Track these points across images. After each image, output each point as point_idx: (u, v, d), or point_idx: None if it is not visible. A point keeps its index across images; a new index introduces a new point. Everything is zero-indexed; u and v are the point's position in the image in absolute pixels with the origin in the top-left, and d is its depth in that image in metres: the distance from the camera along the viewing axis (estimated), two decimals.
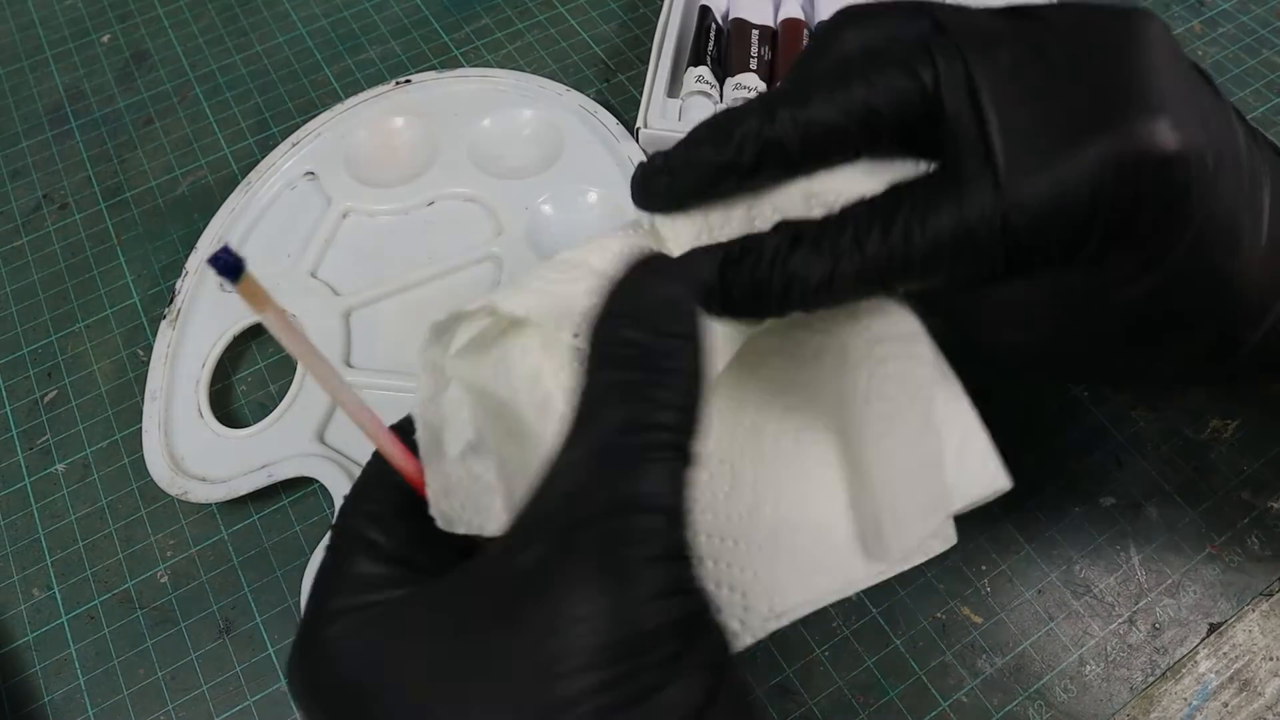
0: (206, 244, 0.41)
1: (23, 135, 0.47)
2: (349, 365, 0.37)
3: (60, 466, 0.37)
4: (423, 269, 0.40)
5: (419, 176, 0.42)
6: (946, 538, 0.21)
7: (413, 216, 0.42)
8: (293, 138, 0.44)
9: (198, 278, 0.40)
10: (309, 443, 0.35)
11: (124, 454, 0.37)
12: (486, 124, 0.44)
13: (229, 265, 0.18)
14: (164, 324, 0.39)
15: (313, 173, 0.43)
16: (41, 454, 0.38)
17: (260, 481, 0.35)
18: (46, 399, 0.39)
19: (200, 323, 0.39)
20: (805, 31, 0.45)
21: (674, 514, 0.17)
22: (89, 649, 0.33)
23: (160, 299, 0.41)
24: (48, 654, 0.33)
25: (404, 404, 0.36)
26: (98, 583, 0.35)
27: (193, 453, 0.36)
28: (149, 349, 0.39)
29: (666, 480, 0.17)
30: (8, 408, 0.39)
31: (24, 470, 0.37)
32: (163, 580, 0.35)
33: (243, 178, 0.43)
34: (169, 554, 0.35)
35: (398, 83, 0.46)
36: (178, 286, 0.40)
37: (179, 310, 0.39)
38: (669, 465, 0.17)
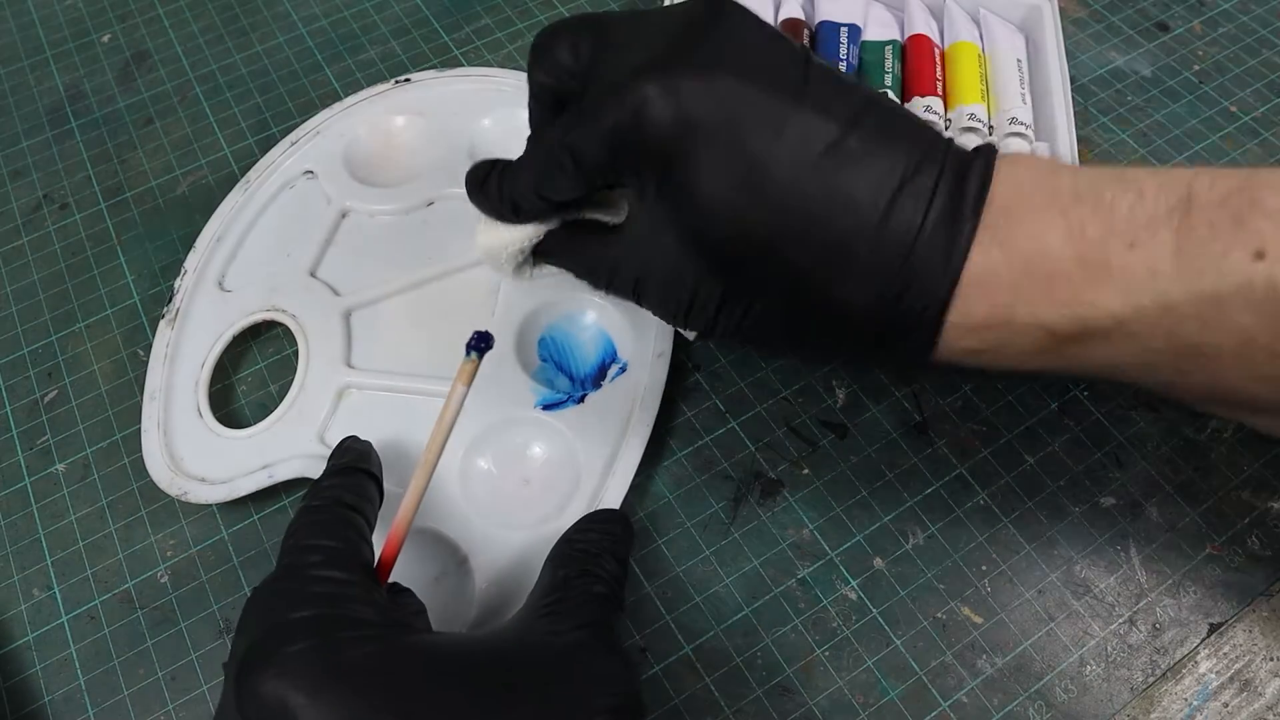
0: (205, 243, 0.41)
1: (23, 135, 0.47)
2: (349, 366, 0.37)
3: (60, 466, 0.37)
4: (422, 269, 0.40)
5: (419, 176, 0.42)
6: None
7: (412, 216, 0.42)
8: (291, 136, 0.44)
9: (196, 277, 0.40)
10: (310, 443, 0.35)
11: (124, 454, 0.37)
12: (487, 124, 0.44)
13: (482, 345, 0.30)
14: (163, 324, 0.39)
15: (312, 171, 0.43)
16: (41, 454, 0.38)
17: (261, 482, 0.35)
18: (46, 399, 0.39)
19: (199, 323, 0.39)
20: (805, 31, 0.45)
21: None
22: (89, 649, 0.33)
23: (160, 299, 0.41)
24: (48, 654, 0.33)
25: (403, 404, 0.37)
26: (98, 583, 0.35)
27: (192, 453, 0.36)
28: (149, 349, 0.39)
29: None
30: (8, 408, 0.39)
31: (24, 470, 0.37)
32: (163, 580, 0.35)
33: (243, 178, 0.43)
34: (169, 554, 0.35)
35: (397, 81, 0.45)
36: (176, 286, 0.40)
37: (178, 310, 0.39)
38: None
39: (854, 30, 0.45)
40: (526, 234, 0.32)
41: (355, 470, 0.31)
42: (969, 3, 0.46)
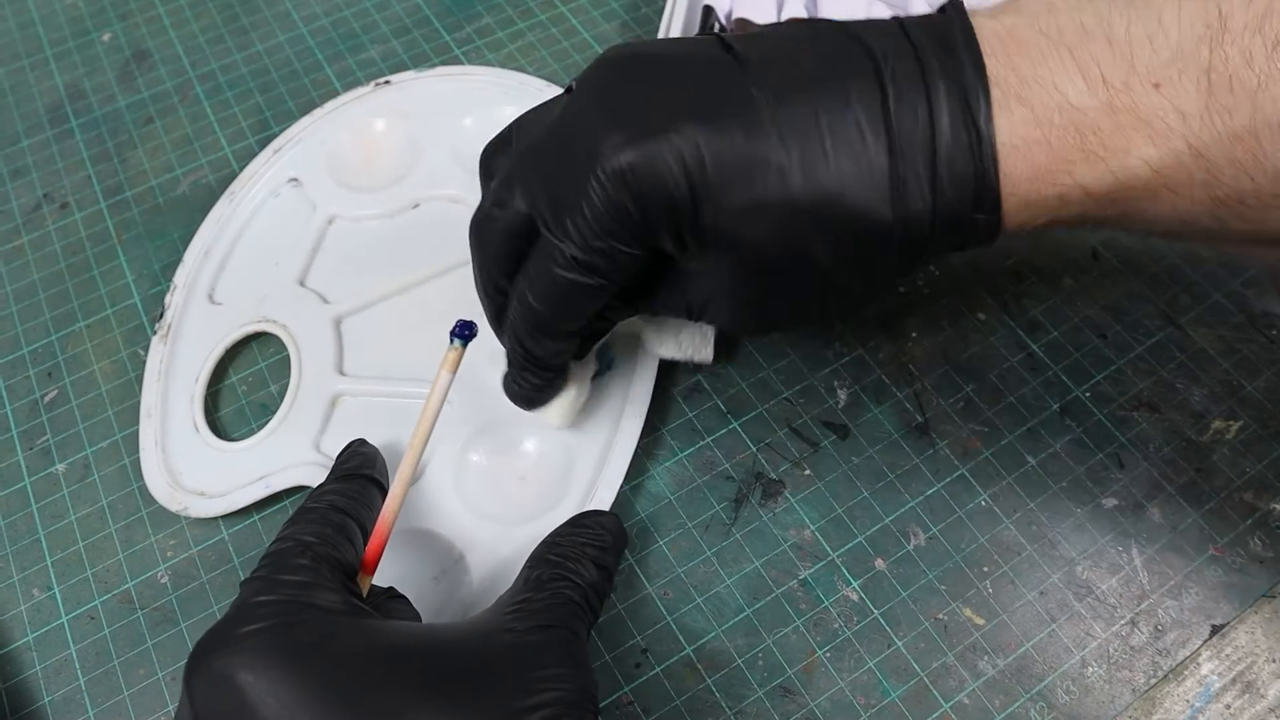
0: (193, 256, 0.41)
1: (23, 134, 0.47)
2: (341, 374, 0.37)
3: (60, 467, 0.37)
4: (412, 272, 0.40)
5: (403, 179, 0.42)
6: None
7: (399, 220, 0.41)
8: (274, 144, 0.44)
9: (186, 291, 0.40)
10: (306, 451, 0.35)
11: (124, 454, 0.37)
12: (468, 123, 0.44)
13: (466, 333, 0.31)
14: (155, 340, 0.39)
15: (296, 179, 0.43)
16: (41, 454, 0.38)
17: (259, 493, 0.35)
18: (46, 399, 0.39)
19: (191, 337, 0.39)
20: None
21: None
22: (89, 649, 0.33)
23: (160, 299, 0.41)
24: (48, 654, 0.33)
25: (396, 409, 0.36)
26: (98, 583, 0.35)
27: (190, 468, 0.36)
28: (149, 349, 0.39)
29: None
30: (8, 408, 0.39)
31: (24, 470, 0.37)
32: (163, 581, 0.35)
33: (227, 189, 0.43)
34: (169, 554, 0.35)
35: (377, 84, 0.45)
36: (167, 301, 0.39)
37: (169, 325, 0.39)
38: None
39: None
40: (585, 388, 0.34)
41: (357, 476, 0.31)
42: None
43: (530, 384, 0.32)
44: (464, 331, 0.31)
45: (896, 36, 0.25)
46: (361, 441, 0.33)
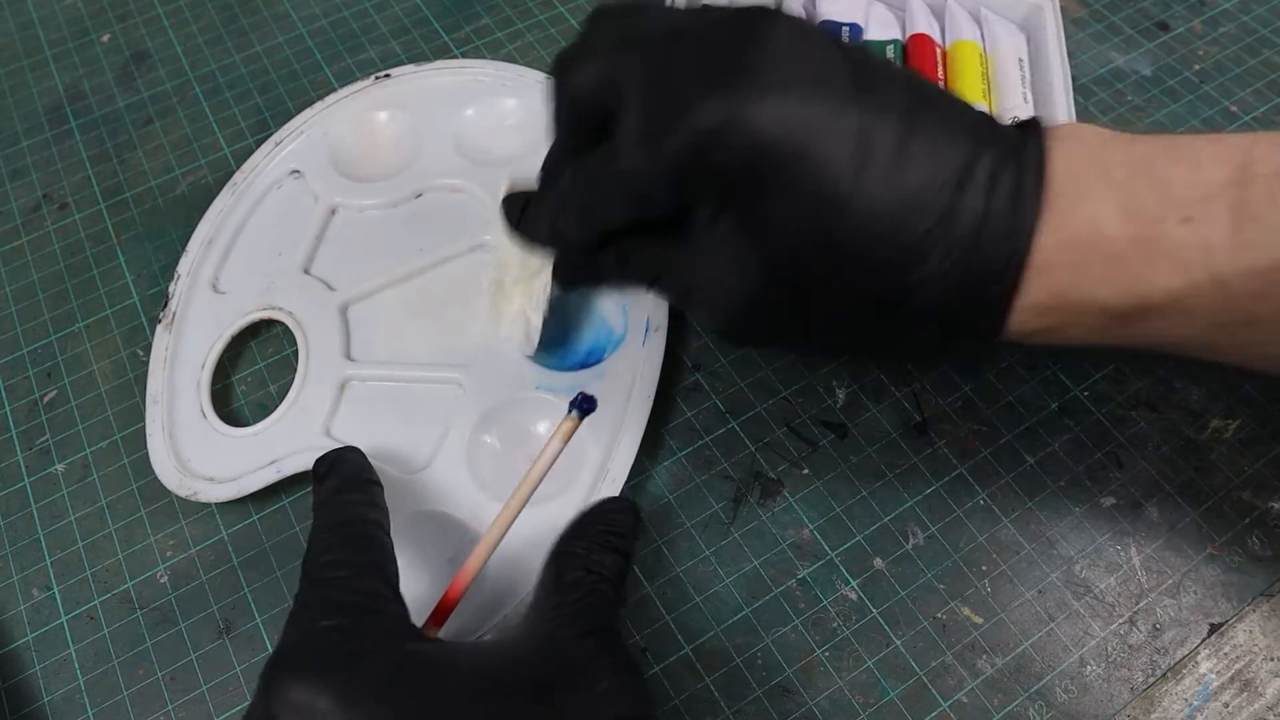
0: (196, 246, 0.41)
1: (22, 135, 0.47)
2: (349, 359, 0.37)
3: (60, 466, 0.37)
4: (416, 260, 0.40)
5: (405, 169, 0.42)
6: None
7: (401, 209, 0.42)
8: (275, 137, 0.44)
9: (190, 280, 0.40)
10: (315, 437, 0.36)
11: (123, 454, 0.37)
12: (470, 114, 0.44)
13: (586, 406, 0.31)
14: (160, 328, 0.39)
15: (298, 171, 0.43)
16: (41, 454, 0.38)
17: (269, 477, 0.35)
18: (46, 399, 0.39)
19: (196, 325, 0.39)
20: None
21: None
22: (88, 649, 0.33)
23: (160, 299, 0.41)
24: (47, 654, 0.33)
25: (404, 394, 0.37)
26: (97, 583, 0.35)
27: (199, 454, 0.36)
28: (149, 349, 0.39)
29: None
30: (7, 408, 0.39)
31: (23, 470, 0.37)
32: (162, 580, 0.35)
33: (229, 181, 0.43)
34: (169, 554, 0.35)
35: (376, 78, 0.45)
36: (170, 290, 0.40)
37: (174, 314, 0.39)
38: None
39: (855, 30, 0.45)
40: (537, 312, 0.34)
41: (369, 483, 0.31)
42: (970, 2, 0.46)
43: (537, 225, 0.31)
44: (584, 405, 0.31)
45: (992, 130, 0.26)
46: (349, 449, 0.32)
